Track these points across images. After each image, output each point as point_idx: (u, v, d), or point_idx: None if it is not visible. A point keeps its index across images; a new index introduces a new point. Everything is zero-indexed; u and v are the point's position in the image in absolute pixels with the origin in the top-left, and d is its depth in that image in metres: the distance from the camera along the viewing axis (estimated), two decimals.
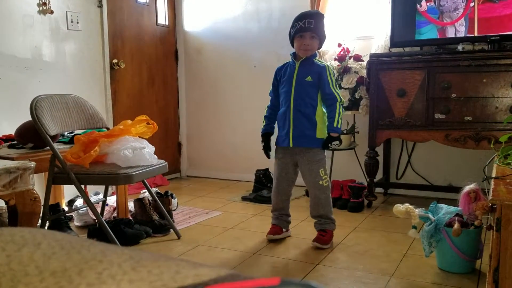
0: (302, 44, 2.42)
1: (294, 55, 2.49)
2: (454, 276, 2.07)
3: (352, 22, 3.66)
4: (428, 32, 3.13)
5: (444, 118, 2.94)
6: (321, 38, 2.46)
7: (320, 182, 2.46)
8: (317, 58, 2.49)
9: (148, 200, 2.87)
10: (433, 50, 3.08)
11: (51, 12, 3.21)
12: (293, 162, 2.52)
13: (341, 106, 2.43)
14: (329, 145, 2.43)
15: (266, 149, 2.58)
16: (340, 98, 2.43)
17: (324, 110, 2.47)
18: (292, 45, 2.50)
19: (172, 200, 3.11)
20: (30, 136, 2.37)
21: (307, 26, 2.39)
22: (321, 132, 2.44)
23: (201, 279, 0.32)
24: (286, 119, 2.45)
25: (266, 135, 2.60)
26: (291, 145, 2.45)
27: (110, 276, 0.34)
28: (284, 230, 2.62)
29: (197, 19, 4.37)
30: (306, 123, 2.42)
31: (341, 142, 2.47)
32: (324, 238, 2.47)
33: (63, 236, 0.44)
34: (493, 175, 1.62)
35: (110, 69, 3.72)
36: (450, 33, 3.07)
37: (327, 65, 2.47)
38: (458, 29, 3.04)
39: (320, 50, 3.61)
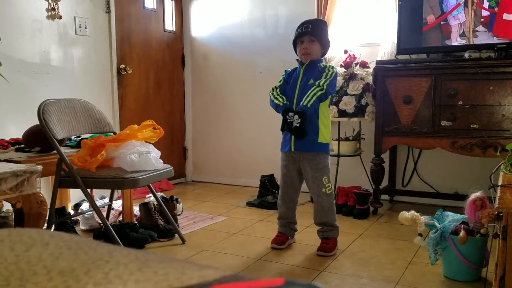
0: (301, 48, 2.44)
1: (300, 61, 2.51)
2: (459, 284, 2.06)
3: (359, 29, 3.66)
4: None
5: (450, 126, 2.93)
6: (322, 43, 2.45)
7: (324, 190, 2.45)
8: (322, 63, 2.48)
9: (153, 204, 2.88)
10: (440, 58, 3.08)
11: (60, 17, 3.24)
12: (297, 169, 2.51)
13: (318, 91, 2.32)
14: (287, 115, 2.32)
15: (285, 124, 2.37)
16: (323, 87, 2.32)
17: (326, 114, 2.45)
18: (297, 54, 2.52)
19: (177, 204, 3.12)
20: (37, 140, 2.38)
21: (304, 31, 2.42)
22: (324, 137, 2.43)
23: (206, 280, 0.33)
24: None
25: (288, 110, 2.39)
26: (292, 149, 2.45)
27: (116, 276, 0.34)
28: (289, 238, 2.62)
29: (204, 25, 4.40)
30: (308, 127, 2.41)
31: (300, 116, 2.31)
32: (327, 246, 2.46)
33: (70, 237, 0.44)
34: (500, 183, 1.61)
35: (117, 74, 3.75)
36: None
37: (329, 65, 2.44)
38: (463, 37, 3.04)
39: (326, 56, 3.64)
